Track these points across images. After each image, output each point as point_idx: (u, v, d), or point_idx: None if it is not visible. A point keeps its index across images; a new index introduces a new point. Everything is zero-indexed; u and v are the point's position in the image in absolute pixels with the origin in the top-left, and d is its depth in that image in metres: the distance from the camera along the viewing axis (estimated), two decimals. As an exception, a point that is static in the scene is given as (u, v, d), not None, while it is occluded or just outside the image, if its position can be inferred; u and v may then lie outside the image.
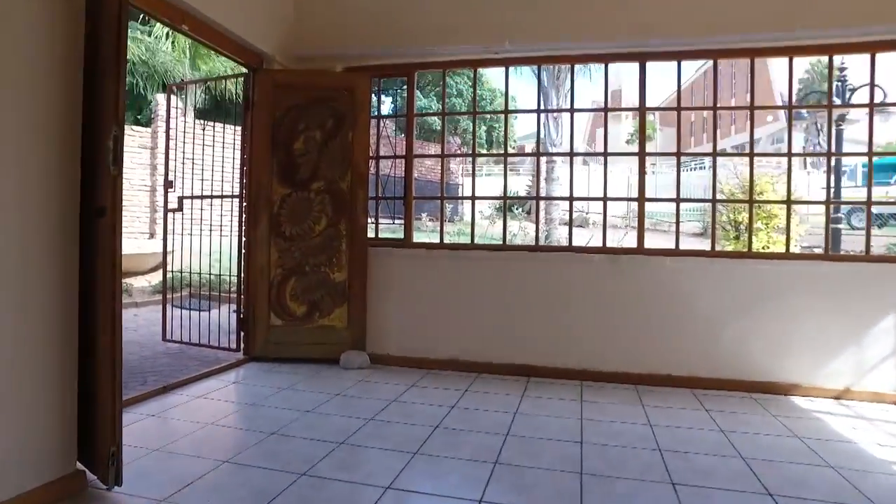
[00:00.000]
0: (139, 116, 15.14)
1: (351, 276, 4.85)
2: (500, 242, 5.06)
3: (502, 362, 4.57)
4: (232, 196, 5.14)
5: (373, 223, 5.06)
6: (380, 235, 5.16)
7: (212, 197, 5.38)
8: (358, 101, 4.85)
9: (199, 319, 5.48)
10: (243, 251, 4.94)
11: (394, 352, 4.85)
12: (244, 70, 4.89)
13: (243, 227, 4.95)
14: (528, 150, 49.62)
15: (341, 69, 4.98)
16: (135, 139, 11.34)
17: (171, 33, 13.29)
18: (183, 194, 5.57)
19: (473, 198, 5.08)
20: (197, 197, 5.54)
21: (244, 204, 4.93)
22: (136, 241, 11.09)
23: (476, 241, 5.03)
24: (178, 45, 13.69)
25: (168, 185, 5.53)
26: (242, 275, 4.95)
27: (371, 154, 5.04)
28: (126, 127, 11.67)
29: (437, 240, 5.24)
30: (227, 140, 5.46)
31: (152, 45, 13.26)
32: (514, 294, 4.59)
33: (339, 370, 4.63)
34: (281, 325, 4.85)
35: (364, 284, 4.86)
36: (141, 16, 11.19)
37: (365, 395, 3.96)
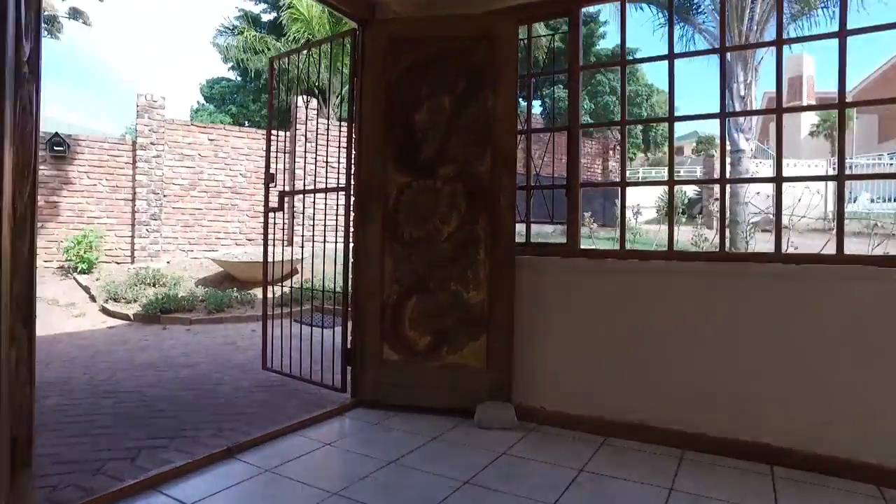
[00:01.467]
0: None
1: (491, 297, 3.46)
2: (717, 250, 3.36)
3: (725, 436, 2.88)
4: (337, 189, 4.01)
5: (519, 223, 3.63)
6: (531, 240, 3.72)
7: (314, 191, 4.32)
8: (501, 54, 3.47)
9: (313, 339, 4.46)
10: (350, 260, 3.78)
11: (551, 405, 3.37)
12: (353, 26, 3.75)
13: (350, 229, 3.80)
14: (688, 151, 45.19)
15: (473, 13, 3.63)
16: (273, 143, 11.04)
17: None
18: (285, 188, 4.57)
19: (672, 182, 3.42)
20: (298, 192, 4.52)
21: (351, 199, 3.77)
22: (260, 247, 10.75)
23: (647, 248, 3.38)
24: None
25: (270, 178, 4.58)
26: (349, 291, 3.79)
27: (520, 126, 3.63)
28: (260, 132, 11.60)
29: (609, 247, 3.64)
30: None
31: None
32: (747, 330, 2.88)
33: (474, 430, 3.25)
34: (397, 361, 3.61)
35: (510, 308, 3.44)
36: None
37: (512, 484, 2.52)
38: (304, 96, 11.53)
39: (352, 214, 3.79)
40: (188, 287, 8.30)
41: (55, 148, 9.29)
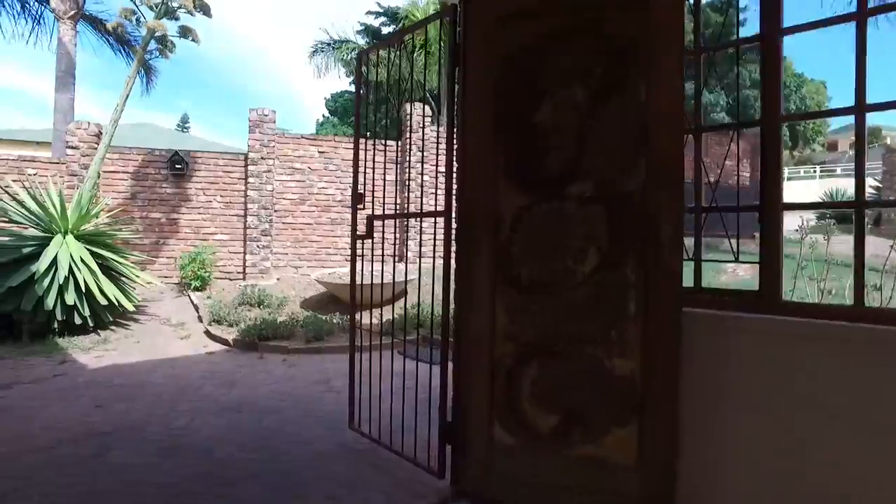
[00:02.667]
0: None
1: (646, 367, 2.41)
2: None
3: None
4: (434, 213, 3.17)
5: (685, 262, 2.56)
6: (701, 285, 2.62)
7: (407, 215, 3.51)
8: (659, 23, 2.43)
9: (418, 382, 3.68)
10: (451, 306, 2.92)
11: (738, 535, 2.26)
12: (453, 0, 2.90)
13: (451, 265, 2.94)
14: (843, 146, 39.85)
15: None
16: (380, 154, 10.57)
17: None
18: (373, 213, 3.82)
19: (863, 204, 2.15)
20: (389, 217, 3.75)
21: (452, 226, 2.91)
22: (371, 264, 10.24)
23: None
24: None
25: (357, 199, 3.87)
26: (449, 345, 2.94)
27: (688, 124, 2.58)
28: (370, 143, 11.17)
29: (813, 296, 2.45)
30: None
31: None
32: None
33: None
34: (512, 445, 2.67)
35: (673, 385, 2.37)
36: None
37: None
38: (412, 103, 10.97)
39: (453, 246, 2.92)
40: (292, 309, 7.94)
41: (175, 167, 9.43)
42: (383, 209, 4.05)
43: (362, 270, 4.10)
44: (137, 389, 4.92)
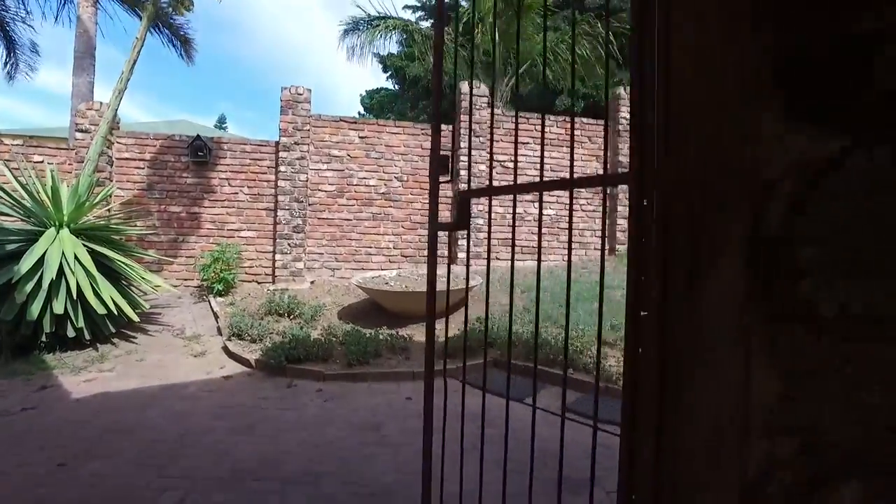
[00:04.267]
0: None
1: None
2: None
3: None
4: (605, 181, 1.72)
5: None
6: None
7: (524, 188, 2.04)
8: None
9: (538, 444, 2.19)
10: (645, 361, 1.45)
11: None
12: None
13: (640, 284, 1.48)
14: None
15: None
16: (418, 138, 9.20)
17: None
18: (469, 186, 2.35)
19: None
20: (503, 190, 2.27)
21: (636, 199, 1.45)
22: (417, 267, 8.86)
23: None
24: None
25: (441, 165, 2.45)
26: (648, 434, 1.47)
27: None
28: (419, 126, 9.57)
29: None
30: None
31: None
32: None
33: None
34: None
35: None
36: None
37: None
38: (470, 81, 9.57)
39: (635, 247, 1.49)
40: (328, 320, 6.61)
41: (198, 154, 8.24)
42: (469, 186, 2.62)
43: (431, 281, 2.69)
44: (124, 436, 3.63)
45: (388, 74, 24.62)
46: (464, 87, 9.27)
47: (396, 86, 24.57)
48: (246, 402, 4.42)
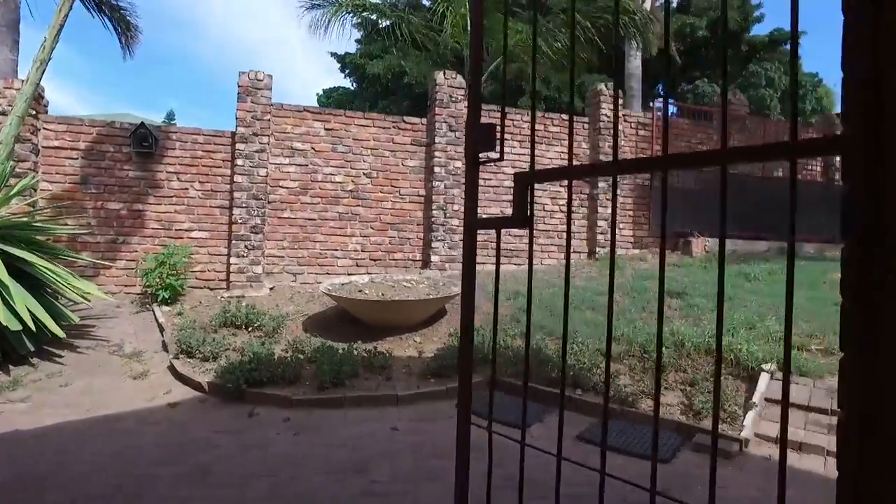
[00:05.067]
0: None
1: None
2: None
3: None
4: (809, 148, 1.02)
5: None
6: None
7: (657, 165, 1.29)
8: None
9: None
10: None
11: None
12: None
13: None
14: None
15: None
16: (406, 134, 8.50)
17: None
18: (532, 166, 1.64)
19: None
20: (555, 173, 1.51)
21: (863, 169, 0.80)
22: (405, 273, 8.15)
23: None
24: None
25: (488, 135, 1.73)
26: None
27: None
28: (390, 118, 8.22)
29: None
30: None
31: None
32: None
33: None
34: None
35: None
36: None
37: None
38: (446, 70, 8.91)
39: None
40: (293, 333, 5.79)
41: (142, 144, 7.28)
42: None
43: (467, 290, 1.98)
44: (32, 494, 2.79)
45: (345, 73, 23.71)
46: (438, 77, 8.59)
47: (354, 84, 23.68)
48: (198, 437, 3.61)
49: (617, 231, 8.68)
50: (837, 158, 9.68)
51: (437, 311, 6.08)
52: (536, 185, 9.43)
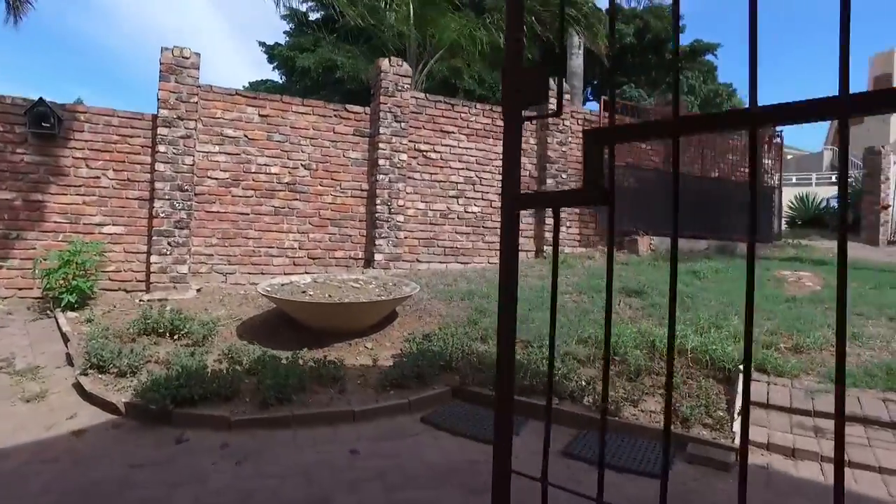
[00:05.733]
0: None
1: None
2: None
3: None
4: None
5: None
6: None
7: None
8: None
9: None
10: None
11: None
12: None
13: None
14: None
15: None
16: (348, 124, 7.90)
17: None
18: (612, 118, 1.15)
19: None
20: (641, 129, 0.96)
21: None
22: (348, 272, 7.56)
23: None
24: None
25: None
26: None
27: None
28: (331, 106, 6.95)
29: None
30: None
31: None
32: None
33: None
34: None
35: None
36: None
37: None
38: (392, 57, 8.37)
39: None
40: (226, 340, 5.09)
41: (41, 124, 6.30)
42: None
43: (509, 276, 1.48)
44: None
45: (274, 65, 22.54)
46: (383, 64, 8.05)
47: (283, 78, 22.55)
48: (110, 475, 2.93)
49: (563, 229, 8.44)
50: (769, 161, 9.80)
51: (388, 315, 5.55)
52: (483, 180, 9.02)
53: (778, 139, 12.18)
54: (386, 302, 5.13)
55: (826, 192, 19.95)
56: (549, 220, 9.28)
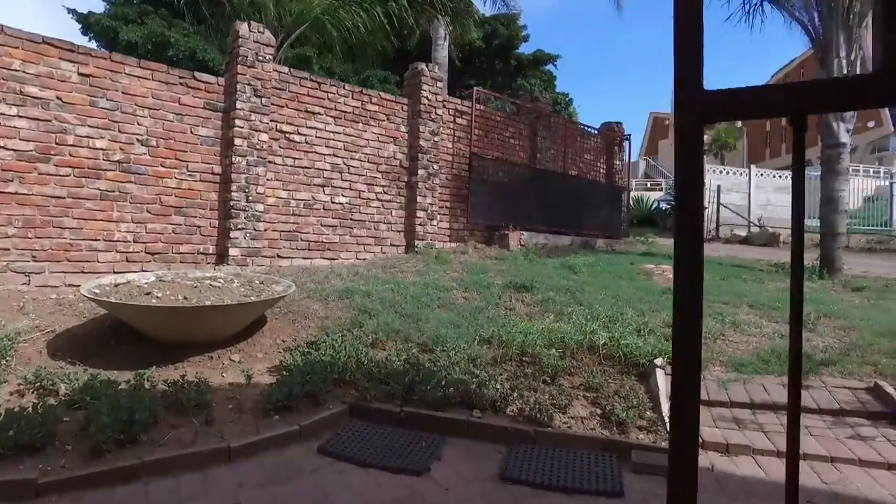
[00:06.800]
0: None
1: None
2: None
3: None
4: None
5: None
6: None
7: None
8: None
9: None
10: None
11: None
12: None
13: None
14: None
15: None
16: (197, 95, 6.66)
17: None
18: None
19: None
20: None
21: None
22: (199, 270, 6.38)
23: None
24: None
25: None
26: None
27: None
28: (176, 73, 5.29)
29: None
30: None
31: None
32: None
33: None
34: None
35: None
36: None
37: None
38: (251, 22, 7.25)
39: None
40: (32, 361, 3.79)
41: None
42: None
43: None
44: None
45: (90, 37, 19.30)
46: (242, 29, 6.93)
47: (102, 49, 19.33)
48: None
49: (434, 223, 7.98)
50: (618, 162, 10.25)
51: (257, 319, 4.62)
52: (351, 168, 8.25)
53: (627, 142, 12.94)
54: (257, 304, 4.21)
55: (652, 196, 21.95)
56: (421, 213, 8.79)
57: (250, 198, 6.89)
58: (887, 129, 31.25)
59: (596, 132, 12.39)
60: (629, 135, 12.83)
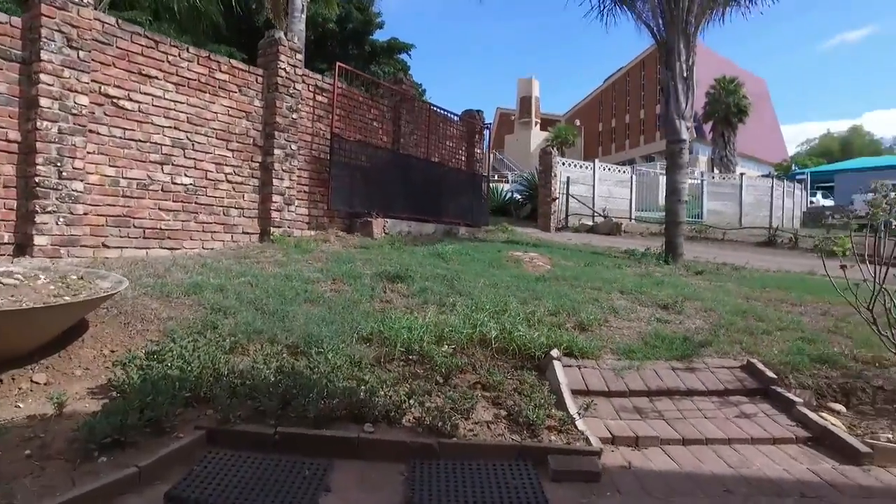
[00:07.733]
0: None
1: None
2: None
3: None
4: None
5: None
6: None
7: None
8: None
9: None
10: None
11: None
12: None
13: None
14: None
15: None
16: (-15, 39, 5.22)
17: None
18: None
19: None
20: None
21: None
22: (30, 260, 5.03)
23: None
24: None
25: None
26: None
27: None
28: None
29: None
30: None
31: None
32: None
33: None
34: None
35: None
36: None
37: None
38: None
39: None
40: None
41: None
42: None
43: None
44: None
45: None
46: (47, -39, 5.56)
47: None
48: None
49: (292, 209, 7.23)
50: (479, 150, 10.16)
51: (75, 325, 3.63)
52: (196, 144, 7.17)
53: (488, 130, 13.02)
54: (73, 306, 3.26)
55: (504, 187, 22.70)
56: (277, 197, 7.94)
57: (64, 174, 5.62)
58: (691, 136, 36.09)
59: (458, 119, 12.28)
60: (489, 123, 12.92)
